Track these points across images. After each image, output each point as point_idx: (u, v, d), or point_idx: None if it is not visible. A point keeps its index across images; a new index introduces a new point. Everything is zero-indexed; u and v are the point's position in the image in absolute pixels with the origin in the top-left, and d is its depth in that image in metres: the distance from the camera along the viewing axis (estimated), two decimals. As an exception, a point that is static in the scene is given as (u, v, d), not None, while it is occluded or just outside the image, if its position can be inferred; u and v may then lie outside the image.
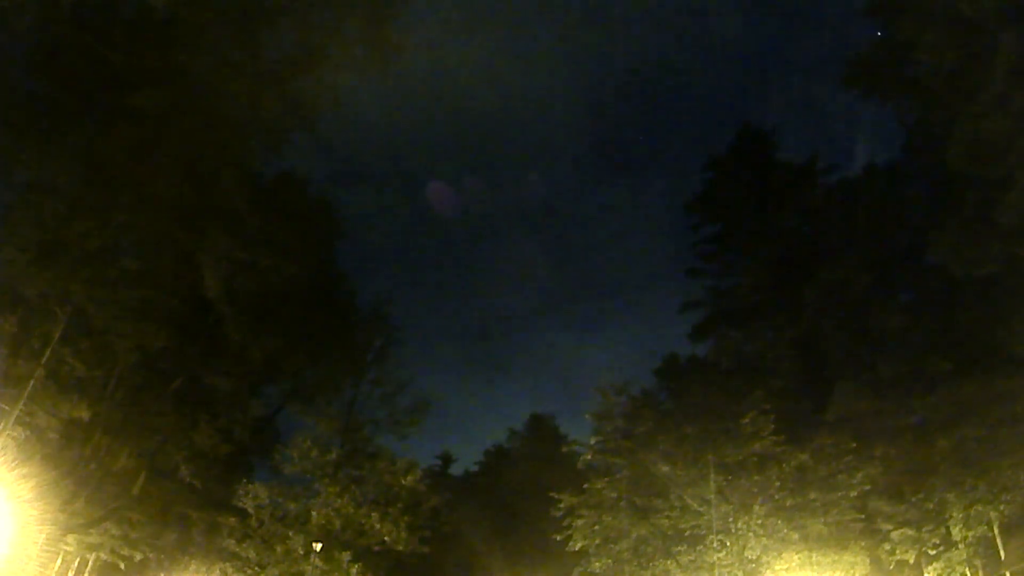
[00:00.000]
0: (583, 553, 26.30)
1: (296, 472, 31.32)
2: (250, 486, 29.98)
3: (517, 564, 41.81)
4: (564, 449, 45.40)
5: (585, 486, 26.10)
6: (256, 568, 29.20)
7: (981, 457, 22.72)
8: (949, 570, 23.04)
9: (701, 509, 24.20)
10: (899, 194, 29.39)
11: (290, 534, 29.35)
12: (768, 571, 23.22)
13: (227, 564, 29.45)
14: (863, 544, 24.24)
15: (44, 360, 22.20)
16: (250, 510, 29.67)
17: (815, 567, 23.06)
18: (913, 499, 23.82)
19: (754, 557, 23.25)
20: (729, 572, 23.18)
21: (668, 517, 25.03)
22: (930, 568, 23.47)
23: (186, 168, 24.30)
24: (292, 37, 25.55)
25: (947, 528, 23.35)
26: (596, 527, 25.79)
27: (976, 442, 22.94)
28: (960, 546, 22.85)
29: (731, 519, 23.58)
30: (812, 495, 23.41)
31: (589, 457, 27.25)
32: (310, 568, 28.59)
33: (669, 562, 24.78)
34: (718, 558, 23.31)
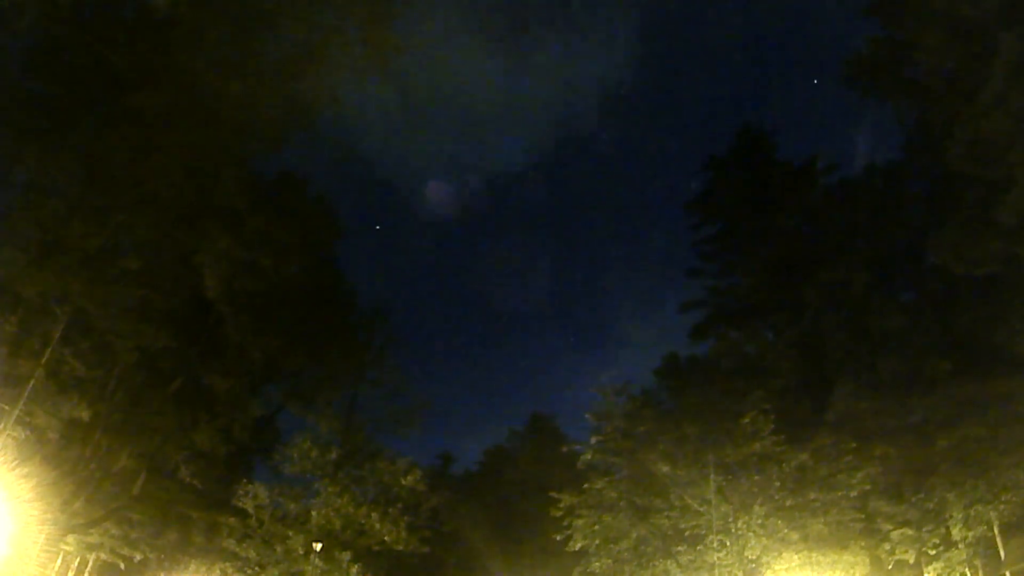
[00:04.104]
0: (583, 553, 26.29)
1: (296, 472, 31.43)
2: (250, 486, 30.01)
3: (517, 564, 41.78)
4: (564, 449, 45.20)
5: (585, 486, 26.10)
6: (256, 568, 29.24)
7: (981, 457, 22.70)
8: (949, 570, 23.01)
9: (701, 509, 24.20)
10: (899, 194, 29.36)
11: (290, 534, 29.39)
12: (768, 571, 23.22)
13: (227, 564, 29.50)
14: (863, 544, 24.23)
15: (44, 360, 22.19)
16: (250, 510, 29.69)
17: (815, 567, 23.06)
18: (913, 499, 23.80)
19: (754, 557, 23.25)
20: (729, 572, 23.18)
21: (668, 517, 25.03)
22: (930, 568, 23.44)
23: (186, 168, 24.28)
24: (292, 37, 25.54)
25: (947, 528, 23.33)
26: (596, 527, 25.79)
27: (976, 442, 22.91)
28: (960, 546, 22.82)
29: (731, 519, 23.58)
30: (812, 495, 23.40)
31: (589, 457, 27.23)
32: (310, 568, 28.62)
33: (669, 562, 24.78)
34: (718, 558, 23.31)
